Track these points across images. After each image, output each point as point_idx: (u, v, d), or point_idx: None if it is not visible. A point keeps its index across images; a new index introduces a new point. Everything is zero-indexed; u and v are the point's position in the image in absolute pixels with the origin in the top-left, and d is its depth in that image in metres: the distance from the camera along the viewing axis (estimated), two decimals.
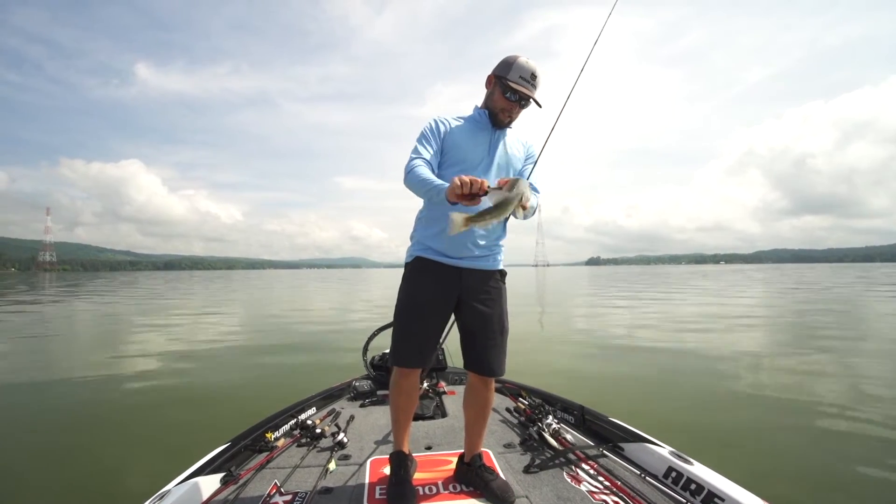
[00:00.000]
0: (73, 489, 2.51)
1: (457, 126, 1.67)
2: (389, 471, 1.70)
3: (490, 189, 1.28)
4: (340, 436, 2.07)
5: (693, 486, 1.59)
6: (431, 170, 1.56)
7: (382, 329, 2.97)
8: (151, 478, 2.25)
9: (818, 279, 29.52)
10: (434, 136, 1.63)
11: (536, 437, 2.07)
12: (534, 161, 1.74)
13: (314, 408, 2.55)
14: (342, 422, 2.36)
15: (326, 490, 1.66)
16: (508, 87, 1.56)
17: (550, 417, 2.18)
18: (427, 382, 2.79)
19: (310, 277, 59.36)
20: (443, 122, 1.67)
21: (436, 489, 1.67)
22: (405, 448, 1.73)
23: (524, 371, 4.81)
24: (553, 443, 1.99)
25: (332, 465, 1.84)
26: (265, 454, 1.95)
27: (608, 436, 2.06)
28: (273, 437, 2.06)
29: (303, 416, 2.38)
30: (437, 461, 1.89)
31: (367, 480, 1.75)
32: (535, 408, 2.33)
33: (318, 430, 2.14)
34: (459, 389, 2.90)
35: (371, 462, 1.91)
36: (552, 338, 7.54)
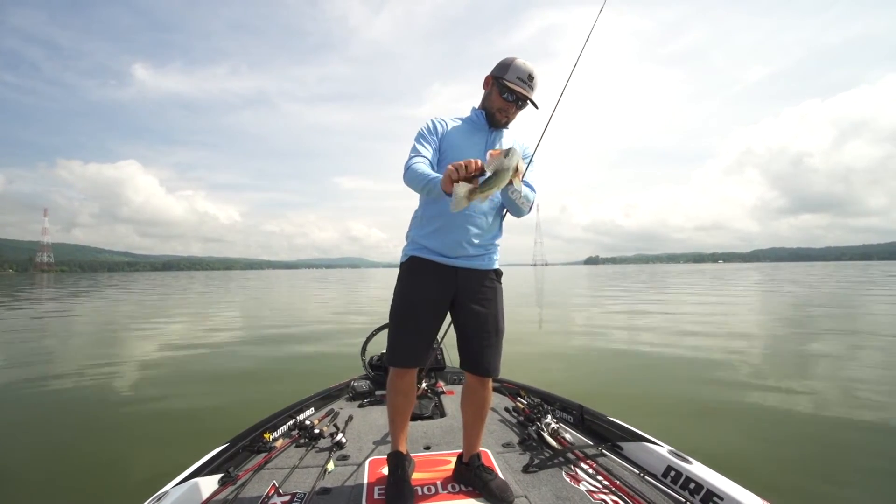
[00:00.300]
0: (72, 490, 2.50)
1: (454, 127, 1.68)
2: (388, 471, 1.69)
3: (483, 165, 1.31)
4: (339, 436, 2.07)
5: (692, 485, 1.59)
6: (430, 168, 1.57)
7: (381, 329, 2.97)
8: (150, 479, 2.25)
9: (818, 278, 29.57)
10: (432, 136, 1.64)
11: (535, 437, 2.07)
12: (529, 160, 1.75)
13: (313, 408, 2.55)
14: (341, 422, 2.35)
15: (325, 490, 1.66)
16: (506, 88, 1.58)
17: (549, 417, 2.18)
18: (425, 382, 2.79)
19: (308, 277, 59.31)
20: (440, 123, 1.68)
21: (434, 489, 1.67)
22: (403, 448, 1.73)
23: (523, 370, 4.82)
24: (552, 442, 1.99)
25: (331, 466, 1.84)
26: (263, 455, 1.95)
27: (607, 435, 2.06)
28: (271, 438, 2.06)
29: (301, 417, 2.38)
30: (436, 461, 1.89)
31: (366, 481, 1.75)
32: (534, 407, 2.34)
33: (317, 431, 2.14)
34: (458, 389, 2.90)
35: (370, 462, 1.90)
36: (551, 337, 7.54)
